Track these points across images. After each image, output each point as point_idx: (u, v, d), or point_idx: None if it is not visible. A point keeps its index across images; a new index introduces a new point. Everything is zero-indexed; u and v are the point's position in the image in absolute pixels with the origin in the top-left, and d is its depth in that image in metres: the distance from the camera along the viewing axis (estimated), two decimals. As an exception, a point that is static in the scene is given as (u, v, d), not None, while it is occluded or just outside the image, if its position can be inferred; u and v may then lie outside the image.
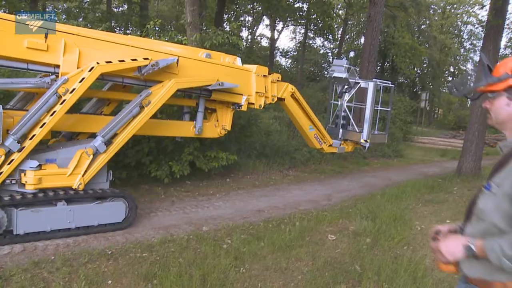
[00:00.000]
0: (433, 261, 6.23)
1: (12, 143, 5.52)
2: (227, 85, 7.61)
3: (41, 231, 5.83)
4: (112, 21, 21.98)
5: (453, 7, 50.58)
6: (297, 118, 9.57)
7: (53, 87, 5.77)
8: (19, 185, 5.76)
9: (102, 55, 6.23)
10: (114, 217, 6.51)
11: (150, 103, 6.64)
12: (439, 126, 45.21)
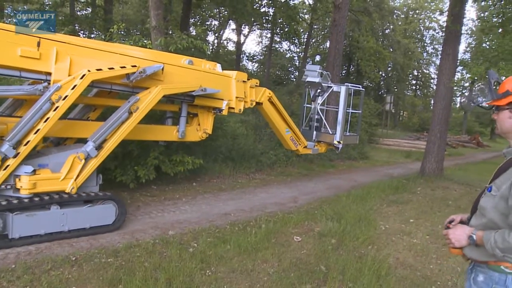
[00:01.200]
0: (397, 259, 6.41)
1: (8, 149, 5.67)
2: (210, 91, 7.89)
3: (35, 234, 5.96)
4: (75, 24, 21.64)
5: (416, 12, 51.98)
6: (274, 121, 9.96)
7: (46, 94, 5.91)
8: (14, 190, 5.89)
9: (91, 63, 6.43)
10: (105, 220, 6.68)
11: (138, 109, 6.85)
12: (403, 128, 46.21)
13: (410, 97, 53.64)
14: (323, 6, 27.61)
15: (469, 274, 2.76)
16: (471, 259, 2.71)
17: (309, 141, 10.89)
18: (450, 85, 14.28)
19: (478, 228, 2.59)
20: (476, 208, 2.70)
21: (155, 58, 7.41)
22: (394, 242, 7.24)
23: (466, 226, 2.73)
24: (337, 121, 10.82)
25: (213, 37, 37.58)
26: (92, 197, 6.61)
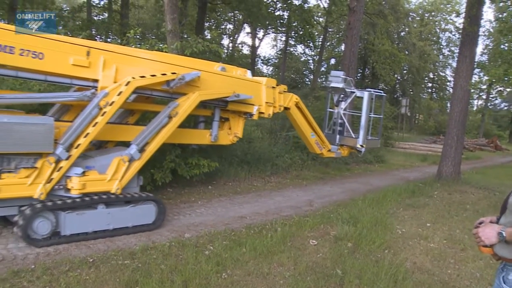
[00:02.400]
0: (414, 264, 6.34)
1: (62, 152, 6.06)
2: (243, 97, 8.31)
3: (84, 232, 6.33)
4: (92, 29, 21.86)
5: (431, 14, 51.53)
6: (300, 125, 10.29)
7: (95, 101, 6.32)
8: (65, 190, 6.28)
9: (134, 70, 6.84)
10: (146, 219, 7.04)
11: (178, 114, 7.24)
12: (419, 131, 45.87)
13: (426, 100, 53.17)
14: (338, 9, 27.57)
15: (500, 273, 2.78)
16: (502, 258, 2.74)
17: (332, 145, 11.21)
18: (468, 87, 14.14)
19: (507, 226, 2.64)
20: (505, 208, 2.77)
21: (192, 65, 7.75)
22: (411, 246, 7.18)
23: (495, 224, 2.77)
24: (360, 126, 11.10)
25: (228, 41, 37.71)
26: (135, 198, 6.98)
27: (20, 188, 5.86)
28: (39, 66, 6.04)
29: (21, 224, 5.79)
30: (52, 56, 6.09)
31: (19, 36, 5.83)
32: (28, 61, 5.91)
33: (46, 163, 6.01)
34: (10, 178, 5.80)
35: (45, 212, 6.01)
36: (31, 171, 5.95)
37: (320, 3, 31.91)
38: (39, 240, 5.96)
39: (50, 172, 6.04)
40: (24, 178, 5.89)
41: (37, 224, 5.90)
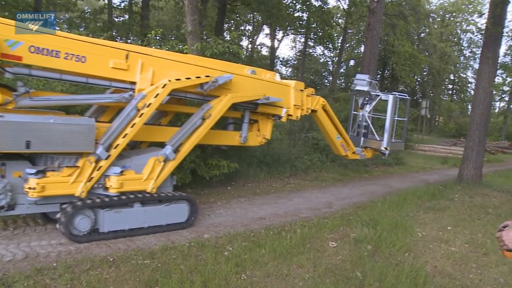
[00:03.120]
0: (435, 267, 6.27)
1: (102, 152, 6.32)
2: (273, 99, 8.52)
3: (121, 229, 6.59)
4: (113, 30, 22.08)
5: (452, 15, 50.85)
6: (326, 128, 10.36)
7: (133, 102, 6.60)
8: (104, 189, 6.56)
9: (170, 73, 7.07)
10: (179, 218, 7.26)
11: (211, 116, 7.46)
12: (439, 133, 45.29)
13: (446, 102, 52.38)
14: (357, 10, 27.41)
15: None
16: None
17: (356, 147, 11.26)
18: (490, 89, 13.93)
19: None
20: None
21: (224, 68, 7.93)
22: (432, 250, 7.10)
23: None
24: (385, 128, 11.14)
25: (247, 42, 37.75)
26: (169, 197, 7.20)
27: (63, 186, 6.11)
28: (81, 69, 6.29)
29: (63, 221, 6.06)
30: (93, 60, 6.33)
31: (64, 40, 6.09)
32: (72, 64, 6.14)
33: (87, 163, 6.26)
34: (54, 177, 6.06)
35: (86, 210, 6.29)
36: (73, 170, 6.20)
37: (340, 4, 31.79)
38: (79, 236, 6.23)
39: (91, 171, 6.30)
40: (67, 177, 6.15)
41: (78, 221, 6.19)
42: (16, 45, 5.64)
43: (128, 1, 26.84)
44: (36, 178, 5.86)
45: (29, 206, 6.13)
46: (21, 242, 6.05)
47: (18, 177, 6.02)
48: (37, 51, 5.81)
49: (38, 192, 5.83)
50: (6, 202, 5.89)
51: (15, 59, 5.72)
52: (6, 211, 5.97)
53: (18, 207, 6.07)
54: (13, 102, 5.89)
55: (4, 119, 5.47)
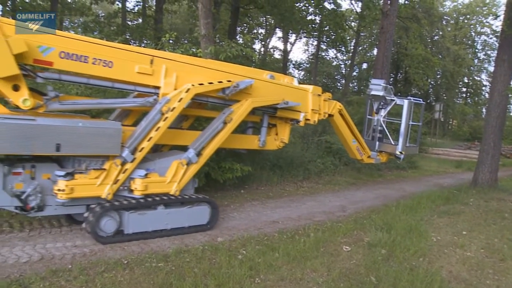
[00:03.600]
0: (450, 272, 6.21)
1: (128, 155, 6.48)
2: (291, 104, 8.55)
3: (145, 231, 6.72)
4: (127, 34, 22.24)
5: (466, 17, 50.39)
6: (342, 132, 10.47)
7: (157, 107, 6.73)
8: (129, 191, 6.70)
9: (192, 78, 7.19)
10: (201, 220, 7.39)
11: (232, 120, 7.60)
12: (453, 137, 44.90)
13: (460, 105, 51.92)
14: (370, 13, 27.30)
15: None
16: None
17: (372, 151, 11.38)
18: (506, 92, 13.76)
19: None
20: None
21: (244, 73, 8.06)
22: (447, 255, 7.03)
23: None
24: (400, 133, 11.23)
25: (260, 45, 37.81)
26: (192, 199, 7.37)
27: (91, 188, 6.28)
28: (108, 74, 6.42)
29: (90, 222, 6.21)
30: (120, 65, 6.47)
31: (92, 46, 6.24)
32: (99, 69, 6.30)
33: (113, 165, 6.41)
34: (82, 179, 6.23)
35: (111, 212, 6.42)
36: (100, 172, 6.35)
37: (353, 7, 31.71)
38: (105, 237, 6.36)
39: (117, 173, 6.45)
40: (94, 179, 6.31)
41: (105, 223, 6.31)
42: (47, 50, 5.79)
43: (141, 5, 27.02)
44: (65, 180, 6.01)
45: (57, 207, 6.30)
46: (36, 244, 6.11)
47: (47, 179, 6.17)
48: (67, 57, 5.96)
49: (67, 194, 6.01)
50: (36, 203, 6.05)
51: (47, 64, 5.87)
52: (36, 212, 6.14)
53: (47, 209, 6.24)
54: (44, 106, 6.01)
55: (36, 123, 5.63)
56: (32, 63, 5.75)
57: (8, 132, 5.41)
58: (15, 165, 5.95)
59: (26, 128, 5.54)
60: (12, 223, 6.82)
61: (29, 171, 6.05)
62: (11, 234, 6.46)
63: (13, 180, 5.93)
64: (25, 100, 5.68)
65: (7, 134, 5.41)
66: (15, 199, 5.94)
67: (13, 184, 5.93)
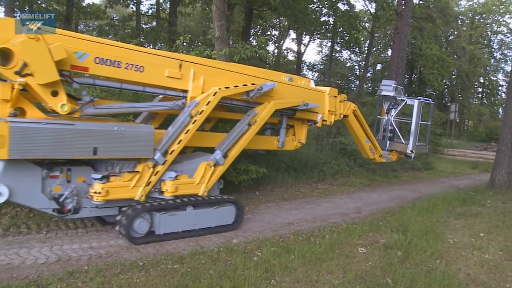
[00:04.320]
0: (468, 275, 6.13)
1: (160, 157, 6.64)
2: (311, 106, 8.81)
3: (175, 231, 6.88)
4: (141, 37, 22.40)
5: (482, 16, 49.81)
6: (356, 132, 10.70)
7: (187, 110, 6.92)
8: (159, 193, 6.89)
9: (218, 81, 7.37)
10: (227, 220, 7.57)
11: (256, 122, 7.82)
12: (469, 138, 44.37)
13: (476, 106, 51.38)
14: (384, 13, 27.19)
15: None
16: None
17: (383, 150, 11.58)
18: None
19: None
20: None
21: (265, 76, 8.27)
22: (464, 257, 6.94)
23: None
24: (410, 132, 11.37)
25: (273, 47, 37.80)
26: (218, 200, 7.50)
27: (125, 191, 6.46)
28: (140, 78, 6.60)
29: (124, 224, 6.33)
30: (151, 69, 6.64)
31: (125, 51, 6.43)
32: (132, 74, 6.48)
33: (146, 168, 6.58)
34: (116, 181, 6.40)
35: (144, 213, 6.57)
36: (133, 175, 6.54)
37: (367, 8, 31.58)
38: (138, 238, 6.52)
39: (149, 176, 6.61)
40: (128, 181, 6.49)
41: (137, 224, 6.46)
42: (83, 56, 5.95)
43: (155, 8, 27.21)
44: (101, 183, 6.19)
45: (91, 209, 6.48)
46: (53, 245, 6.17)
47: (82, 182, 6.36)
48: (101, 62, 6.12)
49: (103, 196, 6.17)
50: (73, 205, 6.23)
51: (83, 70, 6.04)
52: (72, 214, 6.31)
53: (82, 211, 6.41)
54: (79, 111, 6.16)
55: (75, 127, 5.80)
56: (69, 69, 5.90)
57: (49, 137, 5.57)
58: (53, 168, 6.11)
59: (66, 132, 5.72)
60: (29, 225, 6.91)
61: (65, 175, 6.22)
62: (29, 235, 6.53)
63: (51, 183, 6.09)
64: (63, 105, 5.83)
65: (49, 139, 5.56)
66: (53, 201, 6.10)
67: (52, 187, 6.09)
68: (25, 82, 5.50)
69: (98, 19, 24.81)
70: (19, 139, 5.34)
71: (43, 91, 5.64)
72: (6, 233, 6.52)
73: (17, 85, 5.48)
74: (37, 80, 5.52)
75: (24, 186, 5.82)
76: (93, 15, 24.57)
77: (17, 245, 6.09)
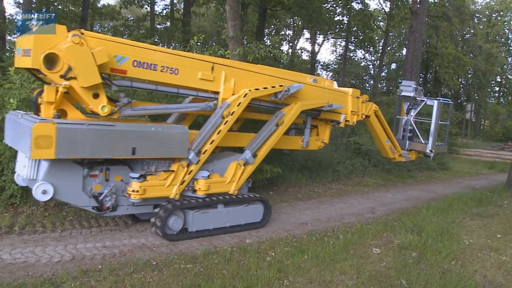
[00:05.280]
0: (484, 277, 6.05)
1: (193, 157, 6.90)
2: (335, 106, 9.01)
3: (206, 229, 7.12)
4: (155, 37, 22.51)
5: (500, 14, 49.10)
6: (377, 132, 10.85)
7: (219, 111, 7.15)
8: (192, 191, 7.14)
9: (247, 83, 7.57)
10: (255, 217, 7.80)
11: (284, 123, 8.03)
12: (485, 137, 43.84)
13: (492, 105, 50.66)
14: (399, 12, 26.97)
15: None
16: None
17: (402, 150, 11.75)
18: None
19: None
20: None
21: (291, 78, 8.46)
22: (480, 259, 6.86)
23: None
24: (430, 132, 11.56)
25: (287, 47, 37.72)
26: (248, 198, 7.81)
27: (161, 189, 6.71)
28: (174, 81, 6.82)
29: (160, 221, 6.57)
30: (185, 72, 6.87)
31: (160, 54, 6.67)
32: (167, 76, 6.70)
33: (180, 167, 6.81)
34: (153, 180, 6.65)
35: (178, 211, 6.83)
36: (169, 173, 6.78)
37: (381, 7, 31.37)
38: (172, 235, 6.77)
39: (183, 175, 6.85)
40: (163, 180, 6.73)
41: (172, 221, 6.71)
42: (122, 60, 6.19)
43: (170, 8, 27.31)
44: (138, 181, 6.45)
45: (128, 207, 6.74)
46: (68, 244, 6.24)
47: (119, 181, 6.58)
48: (139, 65, 6.36)
49: (140, 195, 6.43)
50: (111, 203, 6.48)
51: (121, 72, 6.27)
52: (110, 212, 6.55)
53: (119, 208, 6.65)
54: (118, 112, 6.38)
55: (115, 128, 6.04)
56: (109, 72, 6.14)
57: (92, 137, 5.80)
58: (93, 168, 6.32)
59: (107, 133, 5.95)
60: (44, 224, 7.00)
61: (104, 174, 6.44)
62: (44, 234, 6.61)
63: (91, 182, 6.32)
64: (103, 107, 6.06)
65: (91, 139, 5.79)
66: (92, 199, 6.32)
67: (92, 185, 6.33)
68: (69, 85, 5.73)
69: (113, 19, 24.98)
70: (64, 140, 5.57)
71: (86, 94, 5.88)
72: (22, 232, 6.61)
73: (62, 88, 5.70)
74: (80, 83, 5.77)
75: (67, 185, 6.04)
76: (108, 16, 24.76)
77: (33, 244, 6.16)
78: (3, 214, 7.13)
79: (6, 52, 13.83)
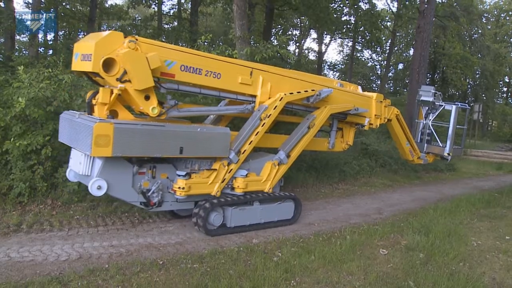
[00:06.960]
0: (493, 279, 6.01)
1: (234, 157, 7.26)
2: (361, 110, 9.35)
3: (243, 225, 7.45)
4: (163, 37, 22.54)
5: (508, 14, 48.78)
6: (398, 135, 11.18)
7: (257, 114, 7.55)
8: (231, 189, 7.50)
9: (282, 87, 7.96)
10: (287, 214, 8.16)
11: (315, 125, 8.40)
12: (493, 138, 43.55)
13: (500, 106, 50.37)
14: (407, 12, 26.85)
15: None
16: None
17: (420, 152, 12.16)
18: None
19: None
20: None
21: (321, 83, 8.82)
22: (489, 260, 6.81)
23: None
24: (448, 136, 12.02)
25: (294, 47, 37.69)
26: (281, 196, 8.12)
27: (204, 187, 7.07)
28: (217, 84, 7.16)
29: (202, 216, 6.91)
30: (226, 76, 7.20)
31: (205, 59, 6.99)
32: (210, 80, 7.03)
33: (221, 166, 7.15)
34: (197, 178, 6.99)
35: (218, 207, 7.19)
36: (211, 172, 7.14)
37: (388, 7, 31.26)
38: (213, 230, 7.12)
39: (224, 173, 7.20)
40: (206, 178, 7.09)
41: (213, 217, 7.08)
42: (171, 64, 6.52)
43: (177, 8, 27.34)
44: (184, 179, 6.79)
45: (172, 203, 7.11)
46: (75, 243, 6.26)
47: (165, 178, 6.93)
48: (186, 69, 6.69)
49: (186, 191, 6.77)
50: (158, 199, 6.83)
51: (170, 76, 6.60)
52: (157, 207, 6.90)
53: (164, 204, 7.02)
54: (165, 114, 6.69)
55: (166, 129, 6.41)
56: (159, 75, 6.44)
57: (145, 136, 6.16)
58: (142, 166, 6.67)
59: (158, 133, 6.31)
60: (52, 222, 7.03)
61: (151, 171, 6.77)
62: (51, 232, 6.64)
63: (140, 179, 6.66)
64: (154, 108, 6.41)
65: (144, 138, 6.15)
66: (141, 195, 6.65)
67: (141, 182, 6.66)
68: (124, 87, 6.03)
69: (121, 19, 25.03)
70: (120, 139, 5.91)
71: (138, 96, 6.22)
72: (29, 230, 6.65)
73: (117, 90, 6.02)
74: (134, 86, 6.09)
75: (119, 181, 6.39)
76: (115, 16, 24.83)
77: (40, 242, 6.20)
78: (11, 213, 7.17)
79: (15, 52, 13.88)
